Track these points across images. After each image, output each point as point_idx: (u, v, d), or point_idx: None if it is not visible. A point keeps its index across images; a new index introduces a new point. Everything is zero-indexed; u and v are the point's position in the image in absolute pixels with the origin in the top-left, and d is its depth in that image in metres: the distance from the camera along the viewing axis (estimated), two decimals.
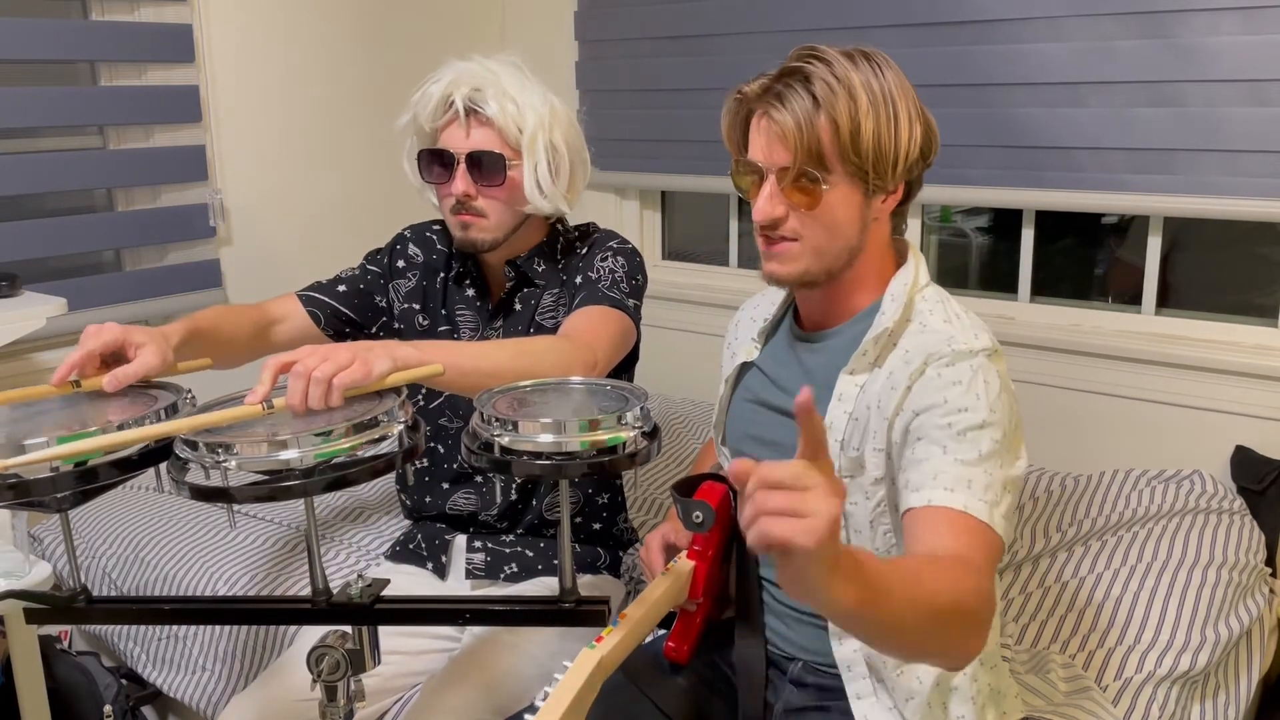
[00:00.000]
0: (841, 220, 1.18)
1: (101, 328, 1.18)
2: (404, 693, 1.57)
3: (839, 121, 1.13)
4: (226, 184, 2.52)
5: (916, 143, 1.18)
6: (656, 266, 3.09)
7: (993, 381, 1.14)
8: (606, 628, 1.11)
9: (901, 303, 1.21)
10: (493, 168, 1.53)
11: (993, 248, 2.68)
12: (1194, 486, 2.08)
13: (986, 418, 1.12)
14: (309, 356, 1.06)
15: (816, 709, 1.29)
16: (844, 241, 1.20)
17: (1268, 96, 2.01)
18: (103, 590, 2.00)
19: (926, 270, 1.27)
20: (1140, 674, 1.53)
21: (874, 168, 1.16)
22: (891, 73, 1.17)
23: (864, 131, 1.14)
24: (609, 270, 1.58)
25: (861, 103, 1.13)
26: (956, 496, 1.08)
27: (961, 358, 1.15)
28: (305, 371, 1.04)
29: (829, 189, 1.16)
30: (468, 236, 1.57)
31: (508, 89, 1.52)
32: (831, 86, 1.13)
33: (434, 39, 2.93)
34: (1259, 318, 2.24)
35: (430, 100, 1.54)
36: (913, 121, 1.17)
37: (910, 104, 1.18)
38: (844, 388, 1.22)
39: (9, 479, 0.95)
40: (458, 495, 1.68)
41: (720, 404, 1.43)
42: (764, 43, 2.59)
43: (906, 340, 1.20)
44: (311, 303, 1.62)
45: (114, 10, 2.35)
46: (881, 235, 1.25)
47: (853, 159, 1.15)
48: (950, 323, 1.20)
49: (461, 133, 1.53)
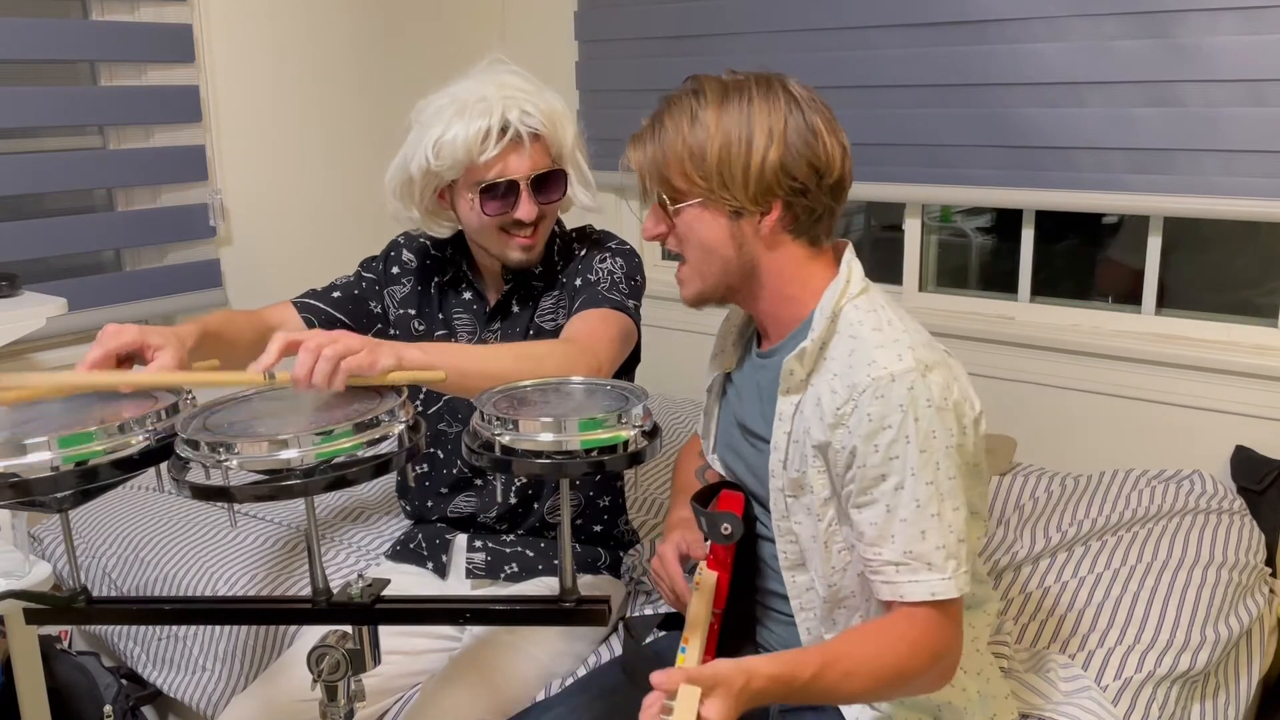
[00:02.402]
0: (710, 240, 1.23)
1: (121, 328, 1.19)
2: (404, 693, 1.57)
3: (681, 145, 1.19)
4: (226, 184, 2.52)
5: (771, 165, 1.17)
6: (657, 266, 3.09)
7: (923, 416, 1.12)
8: (679, 655, 1.15)
9: (828, 316, 1.21)
10: (555, 185, 1.54)
11: (993, 248, 2.68)
12: (1194, 486, 2.08)
13: (918, 461, 1.12)
14: (321, 336, 1.09)
15: (811, 709, 1.29)
16: (720, 263, 1.23)
17: (1267, 96, 2.01)
18: (103, 590, 2.00)
19: (861, 275, 1.25)
20: (1140, 674, 1.53)
21: (722, 189, 1.19)
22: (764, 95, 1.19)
23: (709, 155, 1.18)
24: (608, 272, 1.58)
25: (709, 125, 1.18)
26: (922, 587, 1.13)
27: (884, 386, 1.13)
28: (315, 348, 1.07)
29: (679, 208, 1.22)
30: (530, 257, 1.56)
31: (544, 103, 1.51)
32: (679, 111, 1.20)
33: (434, 39, 2.93)
34: (1259, 318, 2.24)
35: (485, 133, 1.46)
36: (771, 146, 1.17)
37: (771, 126, 1.17)
38: (781, 408, 1.24)
39: (10, 478, 0.95)
40: (458, 499, 1.68)
41: (708, 413, 1.45)
42: (764, 43, 2.59)
43: (834, 362, 1.19)
44: (306, 309, 1.62)
45: (114, 10, 2.35)
46: (785, 252, 1.23)
47: (699, 182, 1.20)
48: (880, 331, 1.18)
49: (524, 159, 1.50)
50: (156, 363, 1.17)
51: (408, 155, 1.52)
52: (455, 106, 1.48)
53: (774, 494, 1.26)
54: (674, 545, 1.39)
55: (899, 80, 2.41)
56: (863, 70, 2.44)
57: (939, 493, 1.13)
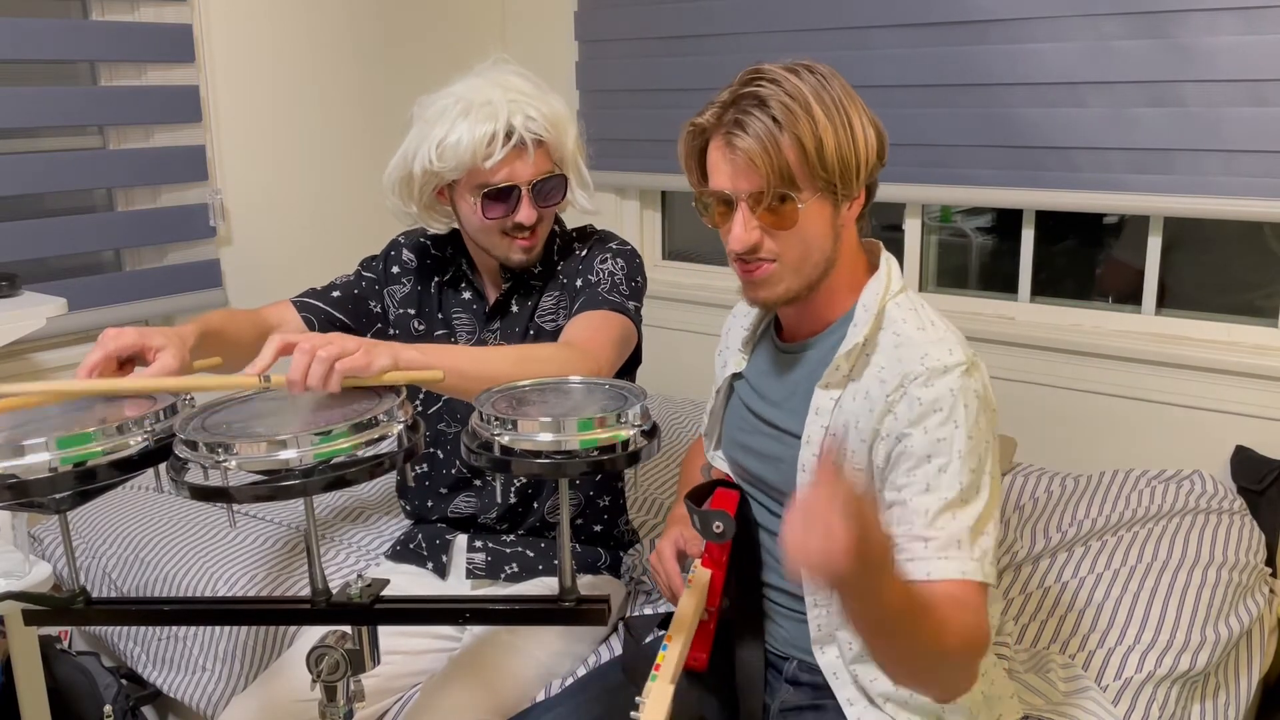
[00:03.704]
0: (816, 235, 1.19)
1: (121, 331, 1.19)
2: (404, 693, 1.57)
3: (803, 139, 1.14)
4: (226, 184, 2.52)
5: (873, 147, 1.19)
6: (656, 266, 3.09)
7: (971, 405, 1.14)
8: (659, 654, 1.14)
9: (874, 312, 1.21)
10: (556, 189, 1.54)
11: (993, 248, 2.68)
12: (1194, 486, 2.08)
13: (965, 447, 1.12)
14: (316, 338, 1.09)
15: (811, 708, 1.29)
16: (820, 255, 1.21)
17: (1267, 96, 2.01)
18: (103, 590, 2.00)
19: (900, 274, 1.26)
20: (1140, 674, 1.53)
21: (840, 179, 1.16)
22: (837, 82, 1.18)
23: (827, 145, 1.14)
24: (608, 273, 1.58)
25: (819, 117, 1.14)
26: (952, 565, 1.11)
27: (937, 375, 1.14)
28: (310, 349, 1.07)
29: (803, 207, 1.16)
30: (530, 258, 1.57)
31: (547, 108, 1.51)
32: (788, 105, 1.14)
33: (434, 39, 2.93)
34: (1259, 318, 2.24)
35: (490, 138, 1.46)
36: (865, 127, 1.18)
37: (859, 110, 1.18)
38: (819, 402, 1.23)
39: (8, 479, 0.95)
40: (458, 499, 1.68)
41: (713, 413, 1.43)
42: (764, 43, 2.59)
43: (880, 355, 1.20)
44: (306, 308, 1.62)
45: (114, 10, 2.35)
46: (850, 242, 1.25)
47: (821, 174, 1.15)
48: (924, 330, 1.19)
49: (527, 164, 1.50)
50: (158, 364, 1.17)
51: (409, 152, 1.52)
52: (460, 107, 1.48)
53: (802, 488, 1.25)
54: (672, 542, 1.39)
55: (899, 80, 2.41)
56: (863, 70, 2.44)
57: (979, 482, 1.13)
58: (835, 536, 0.87)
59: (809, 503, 0.90)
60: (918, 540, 1.12)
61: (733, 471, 1.40)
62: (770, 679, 1.35)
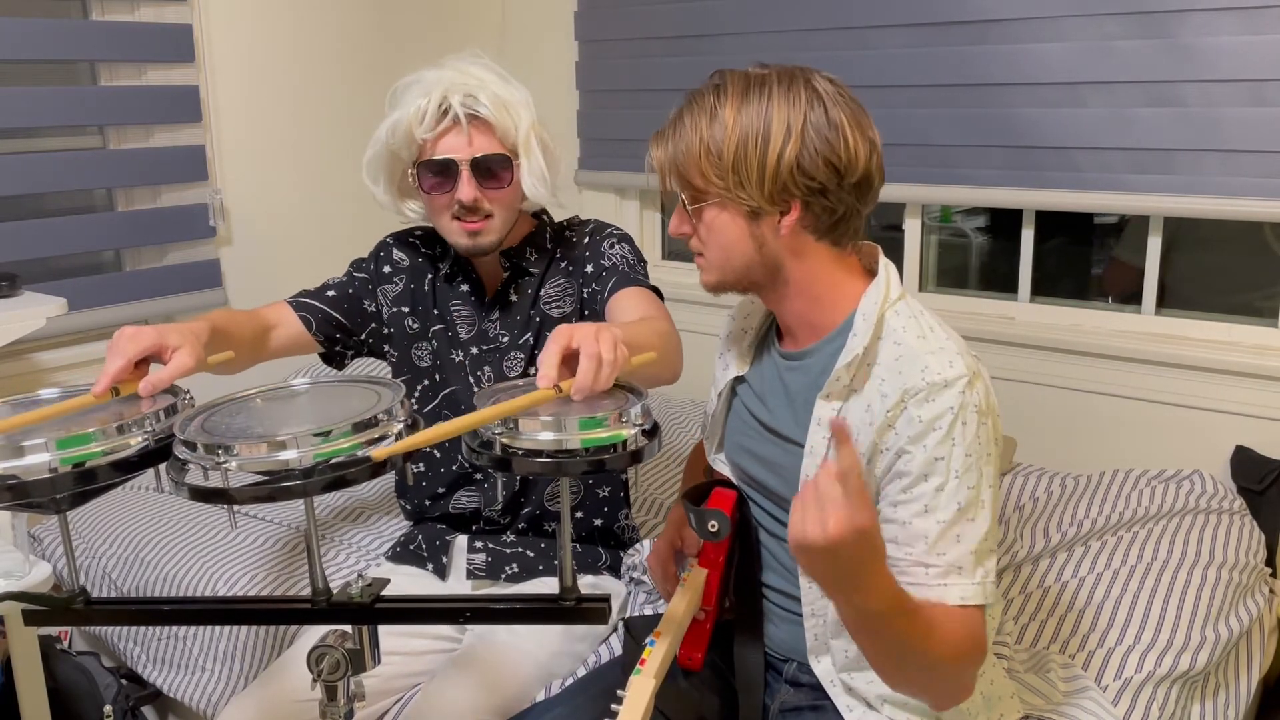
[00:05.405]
0: (729, 240, 1.21)
1: (138, 332, 1.17)
2: (404, 693, 1.57)
3: (698, 145, 1.17)
4: (226, 184, 2.52)
5: (788, 162, 1.15)
6: (656, 266, 3.09)
7: (970, 421, 1.13)
8: (645, 649, 1.14)
9: (873, 321, 1.19)
10: (499, 170, 1.54)
11: (992, 248, 2.68)
12: (1194, 486, 2.08)
13: (962, 464, 1.12)
14: (590, 343, 1.06)
15: (811, 708, 1.30)
16: (742, 258, 1.22)
17: (1267, 96, 2.01)
18: (103, 590, 2.00)
19: (898, 281, 1.25)
20: (1140, 674, 1.53)
21: (738, 188, 1.17)
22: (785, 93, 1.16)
23: (724, 153, 1.16)
24: (622, 256, 1.62)
25: (723, 126, 1.16)
26: (952, 591, 1.11)
27: (937, 391, 1.13)
28: (596, 355, 1.05)
29: (705, 208, 1.20)
30: (476, 243, 1.57)
31: (497, 91, 1.53)
32: (696, 114, 1.18)
33: (434, 39, 2.93)
34: (1259, 318, 2.24)
35: (424, 113, 1.50)
36: (788, 140, 1.14)
37: (789, 124, 1.15)
38: (821, 412, 1.22)
39: (8, 479, 0.95)
40: (459, 495, 1.68)
41: (715, 416, 1.43)
42: (764, 43, 2.59)
43: (881, 367, 1.18)
44: (303, 308, 1.63)
45: (114, 10, 2.35)
46: (811, 253, 1.22)
47: (716, 180, 1.17)
48: (924, 338, 1.18)
49: (462, 140, 1.52)
50: (174, 363, 1.17)
51: (375, 136, 1.57)
52: (418, 89, 1.53)
53: None
54: (669, 541, 1.39)
55: (899, 80, 2.41)
56: (863, 70, 2.44)
57: (979, 498, 1.13)
58: (837, 503, 0.93)
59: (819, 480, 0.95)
60: (919, 566, 1.13)
61: (735, 475, 1.40)
62: (770, 679, 1.35)
